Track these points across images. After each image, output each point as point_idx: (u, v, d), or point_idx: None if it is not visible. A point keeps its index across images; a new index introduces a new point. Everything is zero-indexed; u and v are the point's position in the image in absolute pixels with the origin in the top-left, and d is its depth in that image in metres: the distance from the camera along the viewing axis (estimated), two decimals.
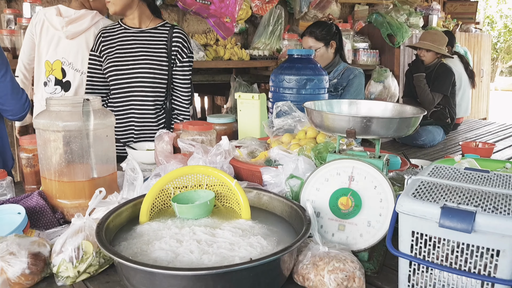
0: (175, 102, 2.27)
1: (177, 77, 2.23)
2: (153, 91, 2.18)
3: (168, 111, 2.25)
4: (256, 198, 1.19)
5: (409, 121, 1.01)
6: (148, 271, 0.80)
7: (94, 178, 1.30)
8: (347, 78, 2.63)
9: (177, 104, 2.27)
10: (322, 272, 0.95)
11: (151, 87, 2.17)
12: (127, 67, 2.15)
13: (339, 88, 2.64)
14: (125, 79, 2.17)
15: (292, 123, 1.53)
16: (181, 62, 2.21)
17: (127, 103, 2.20)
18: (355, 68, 2.69)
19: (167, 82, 2.21)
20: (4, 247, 0.97)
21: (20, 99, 1.90)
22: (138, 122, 2.21)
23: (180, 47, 2.19)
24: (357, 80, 2.62)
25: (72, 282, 1.01)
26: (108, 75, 2.19)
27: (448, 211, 0.83)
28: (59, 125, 1.23)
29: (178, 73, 2.22)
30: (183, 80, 2.24)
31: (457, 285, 0.88)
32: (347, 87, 2.61)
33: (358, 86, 2.62)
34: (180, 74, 2.23)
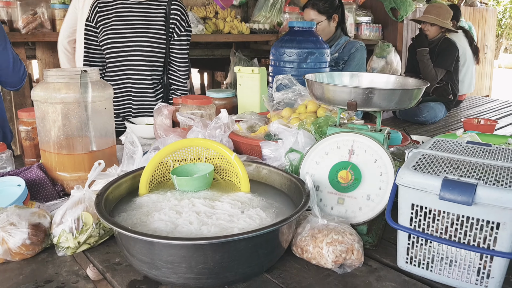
0: (172, 76, 2.24)
1: (175, 51, 2.19)
2: (150, 65, 2.15)
3: (165, 85, 2.23)
4: (255, 172, 1.19)
5: (411, 93, 1.00)
6: (147, 241, 0.80)
7: (93, 151, 1.30)
8: (349, 52, 2.59)
9: (174, 79, 2.24)
10: (320, 244, 0.95)
11: (148, 60, 2.14)
12: (124, 39, 2.12)
13: (340, 62, 2.61)
14: (122, 52, 2.13)
15: (293, 97, 1.51)
16: (178, 35, 2.17)
17: (124, 77, 2.17)
18: (357, 41, 2.65)
19: (165, 55, 2.18)
20: (4, 218, 0.97)
21: (19, 71, 1.92)
22: (136, 97, 2.19)
23: (178, 20, 2.15)
24: (358, 54, 2.58)
25: (72, 252, 1.01)
26: (104, 47, 2.16)
27: (448, 184, 0.83)
28: (57, 97, 1.21)
29: (176, 46, 2.19)
30: (181, 54, 2.21)
31: (456, 257, 0.88)
32: (348, 61, 2.58)
33: (359, 60, 2.59)
34: (178, 48, 2.19)
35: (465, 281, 0.88)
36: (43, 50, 3.10)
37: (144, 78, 2.16)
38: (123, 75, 2.17)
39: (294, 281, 0.92)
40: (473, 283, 0.87)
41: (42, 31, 2.88)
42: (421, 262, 0.93)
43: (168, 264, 0.81)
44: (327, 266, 0.95)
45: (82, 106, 1.24)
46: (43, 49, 3.10)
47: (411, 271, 0.95)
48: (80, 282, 0.91)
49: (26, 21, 2.79)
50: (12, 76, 1.90)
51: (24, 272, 0.95)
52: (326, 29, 2.64)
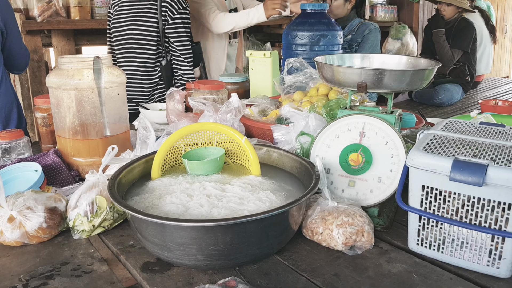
0: (175, 61, 2.25)
1: (171, 35, 2.19)
2: (141, 49, 2.20)
3: (164, 70, 2.24)
4: (266, 155, 1.19)
5: (422, 73, 0.98)
6: (159, 223, 0.82)
7: (107, 136, 1.32)
8: (362, 34, 2.56)
9: (177, 64, 2.25)
10: (330, 226, 0.96)
11: (139, 43, 2.20)
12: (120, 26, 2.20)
13: (353, 44, 2.58)
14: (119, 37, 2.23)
15: (304, 80, 1.50)
16: (172, 19, 2.16)
17: (122, 61, 2.26)
18: (370, 23, 2.61)
19: (159, 40, 2.19)
20: (21, 202, 1.00)
21: (27, 56, 2.05)
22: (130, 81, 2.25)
23: (170, 3, 2.15)
24: (372, 36, 2.54)
25: (87, 235, 1.04)
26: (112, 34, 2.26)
27: (459, 164, 0.82)
28: (71, 84, 1.23)
29: (171, 31, 2.18)
30: (178, 38, 2.20)
31: (467, 239, 0.88)
32: (361, 43, 2.55)
33: (373, 42, 2.55)
34: (173, 32, 2.18)
35: (476, 262, 0.88)
36: (59, 38, 3.13)
37: (136, 62, 2.21)
38: (121, 59, 2.24)
39: (305, 263, 0.93)
40: (485, 264, 0.87)
41: (57, 19, 2.91)
42: (432, 243, 0.92)
43: (179, 246, 0.83)
44: (337, 248, 0.96)
45: (95, 92, 1.26)
46: (59, 37, 3.13)
47: (422, 253, 0.95)
48: (95, 264, 0.94)
49: (41, 9, 2.82)
50: (22, 60, 2.03)
51: (41, 254, 0.98)
52: (340, 8, 2.60)
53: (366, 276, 0.89)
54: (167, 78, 2.27)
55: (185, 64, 2.23)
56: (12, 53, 1.96)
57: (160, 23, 2.15)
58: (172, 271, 0.90)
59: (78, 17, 2.99)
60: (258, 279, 0.87)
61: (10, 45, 1.93)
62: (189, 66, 2.25)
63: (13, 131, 1.42)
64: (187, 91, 1.74)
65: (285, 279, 0.88)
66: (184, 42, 2.22)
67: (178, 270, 0.90)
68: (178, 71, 2.26)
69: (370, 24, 2.59)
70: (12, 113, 1.98)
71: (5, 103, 1.94)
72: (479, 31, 3.50)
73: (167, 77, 2.27)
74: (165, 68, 2.24)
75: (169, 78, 2.28)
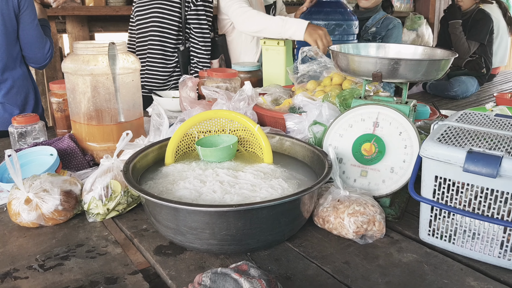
0: (192, 49, 2.26)
1: (192, 22, 2.20)
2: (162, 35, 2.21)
3: (182, 56, 2.25)
4: (278, 144, 1.20)
5: (438, 64, 0.97)
6: (173, 207, 0.83)
7: (122, 122, 1.33)
8: (386, 28, 2.57)
9: (194, 51, 2.26)
10: (342, 215, 0.96)
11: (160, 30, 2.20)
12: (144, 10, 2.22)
13: (377, 37, 2.58)
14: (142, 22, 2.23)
15: (318, 69, 1.50)
16: (195, 5, 2.18)
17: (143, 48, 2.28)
18: (394, 18, 2.63)
19: (180, 26, 2.20)
20: (38, 185, 1.02)
21: (43, 48, 1.97)
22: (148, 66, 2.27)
23: None
24: (396, 31, 2.56)
25: (102, 218, 1.06)
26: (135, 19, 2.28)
27: (473, 156, 0.82)
28: (86, 69, 1.25)
29: (193, 17, 2.19)
30: (198, 25, 2.21)
31: (479, 230, 0.88)
32: (385, 37, 2.56)
33: (397, 37, 2.56)
34: (194, 19, 2.20)
35: (488, 254, 0.88)
36: (73, 24, 3.15)
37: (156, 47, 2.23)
38: (141, 45, 2.25)
39: (315, 250, 0.94)
40: (496, 256, 0.87)
41: (72, 5, 2.93)
42: (444, 234, 0.93)
43: (192, 230, 0.84)
44: (348, 236, 0.97)
45: (110, 78, 1.27)
46: (73, 23, 3.15)
47: (433, 243, 0.95)
48: (109, 246, 0.96)
49: None
50: (35, 51, 1.95)
51: (57, 236, 1.00)
52: None
53: (376, 264, 0.89)
54: (183, 65, 2.29)
55: (202, 52, 2.25)
56: (24, 41, 1.91)
57: (183, 9, 2.17)
58: (184, 254, 0.92)
59: (93, 3, 3.01)
60: (269, 265, 0.89)
61: (22, 31, 1.89)
62: (206, 55, 2.26)
63: (29, 115, 1.44)
64: (200, 79, 1.74)
65: (296, 266, 0.89)
66: (204, 30, 2.24)
67: (191, 254, 0.91)
68: (194, 59, 2.27)
69: (394, 19, 2.60)
70: (29, 98, 2.00)
71: (22, 88, 1.96)
72: (496, 22, 3.44)
73: (183, 63, 2.29)
74: (183, 54, 2.26)
75: (185, 65, 2.30)
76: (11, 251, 0.94)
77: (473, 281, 0.84)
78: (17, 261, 0.90)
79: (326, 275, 0.86)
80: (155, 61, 2.26)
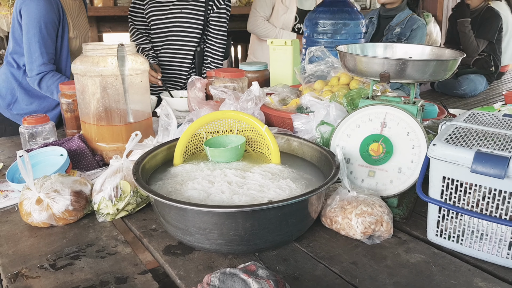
0: (208, 49, 2.29)
1: (213, 23, 2.25)
2: (188, 36, 2.22)
3: (198, 56, 2.28)
4: (286, 144, 1.20)
5: (446, 64, 0.97)
6: (181, 208, 0.84)
7: (131, 122, 1.35)
8: (410, 28, 2.52)
9: (210, 51, 2.29)
10: (349, 216, 0.96)
11: (186, 31, 2.22)
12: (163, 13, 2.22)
13: (402, 39, 2.53)
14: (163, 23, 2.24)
15: (325, 69, 1.50)
16: (218, 8, 2.22)
17: (164, 48, 2.27)
18: (419, 18, 2.56)
19: (202, 27, 2.22)
20: (49, 185, 1.04)
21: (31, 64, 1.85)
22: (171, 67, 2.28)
23: None
24: (420, 32, 2.50)
25: (112, 218, 1.07)
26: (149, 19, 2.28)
27: (481, 156, 0.81)
28: (96, 70, 1.26)
29: (214, 19, 2.23)
30: (219, 27, 2.26)
31: (487, 231, 0.88)
32: (410, 38, 2.51)
33: (421, 38, 2.51)
34: (216, 21, 2.24)
35: (495, 254, 0.88)
36: None
37: (178, 50, 2.22)
38: (163, 46, 2.25)
39: (323, 251, 0.94)
40: (504, 256, 0.87)
41: None
42: (451, 235, 0.93)
43: (201, 230, 0.85)
44: (356, 237, 0.97)
45: (119, 79, 1.28)
46: None
47: (440, 244, 0.95)
48: (119, 246, 0.97)
49: None
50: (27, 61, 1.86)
51: (67, 236, 1.01)
52: None
53: (384, 265, 0.89)
54: (199, 65, 2.32)
55: (217, 53, 2.31)
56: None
57: (206, 12, 2.21)
58: (193, 254, 0.92)
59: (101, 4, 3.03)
60: (277, 265, 0.89)
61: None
62: (221, 56, 2.31)
63: (39, 116, 1.46)
64: (208, 79, 1.75)
65: (304, 266, 0.89)
66: (223, 31, 2.31)
67: (199, 254, 0.92)
68: (208, 59, 2.31)
69: (418, 19, 2.54)
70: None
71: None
72: (505, 20, 3.41)
73: (199, 63, 2.32)
74: (199, 54, 2.30)
75: (200, 65, 2.33)
76: (23, 250, 0.95)
77: (481, 282, 0.84)
78: (29, 260, 0.91)
79: (333, 275, 0.86)
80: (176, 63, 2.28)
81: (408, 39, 2.52)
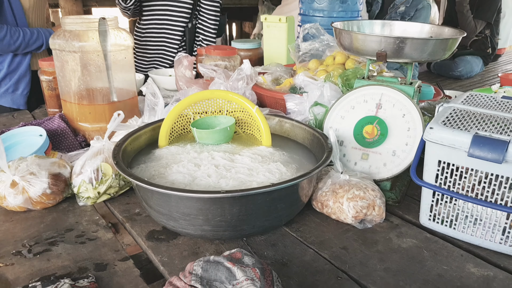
0: (200, 25, 2.22)
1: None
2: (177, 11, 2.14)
3: (189, 33, 2.21)
4: (277, 126, 1.15)
5: (445, 43, 0.92)
6: (164, 193, 0.79)
7: (114, 102, 1.28)
8: (415, 8, 2.45)
9: (202, 28, 2.22)
10: (341, 200, 0.93)
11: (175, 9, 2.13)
12: None
13: (406, 18, 2.46)
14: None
15: (320, 48, 1.44)
16: None
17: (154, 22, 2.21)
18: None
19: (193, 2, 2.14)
20: (24, 168, 0.98)
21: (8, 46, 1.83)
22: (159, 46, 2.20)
23: None
24: (424, 12, 2.44)
25: (93, 202, 1.03)
26: None
27: (479, 140, 0.77)
28: (75, 46, 1.19)
29: None
30: (211, 2, 2.19)
31: (481, 216, 0.85)
32: (413, 18, 2.44)
33: (425, 18, 2.45)
34: None
35: (489, 240, 0.85)
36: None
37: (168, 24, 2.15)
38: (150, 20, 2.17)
39: (313, 235, 0.91)
40: (497, 242, 0.84)
41: None
42: (445, 219, 0.90)
43: (185, 216, 0.81)
44: (347, 221, 0.94)
45: (101, 55, 1.22)
46: None
47: (433, 228, 0.92)
48: (99, 231, 0.92)
49: None
50: None
51: (45, 220, 0.97)
52: None
53: (375, 250, 0.86)
54: (190, 43, 2.24)
55: (210, 30, 2.23)
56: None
57: None
58: (178, 240, 0.89)
59: None
60: (265, 250, 0.86)
61: None
62: (213, 33, 2.23)
63: None
64: (198, 56, 1.69)
65: (293, 251, 0.86)
66: (216, 6, 2.23)
67: (184, 240, 0.88)
68: (200, 36, 2.23)
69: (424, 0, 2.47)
70: None
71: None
72: (504, 1, 3.35)
73: (190, 41, 2.24)
74: (190, 31, 2.21)
75: (191, 43, 2.25)
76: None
77: (473, 267, 0.81)
78: (2, 246, 0.87)
79: (323, 261, 0.83)
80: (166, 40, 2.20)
81: (412, 19, 2.45)
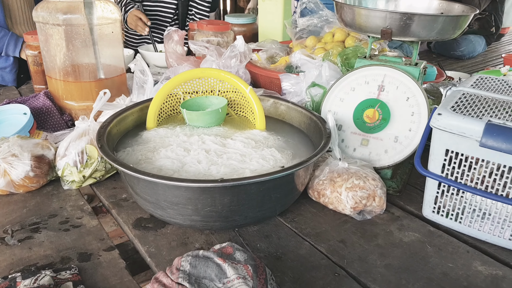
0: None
1: None
2: None
3: (182, 6, 2.10)
4: (272, 108, 1.09)
5: (456, 20, 0.85)
6: (150, 181, 0.73)
7: (101, 79, 1.22)
8: None
9: (195, 1, 2.11)
10: (339, 189, 0.87)
11: None
12: None
13: None
14: None
15: (318, 24, 1.37)
16: None
17: None
18: None
19: None
20: (6, 149, 0.93)
21: None
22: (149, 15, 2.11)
23: None
24: None
25: (78, 186, 0.97)
26: None
27: (492, 129, 0.72)
28: (59, 18, 1.11)
29: None
30: None
31: (490, 210, 0.80)
32: None
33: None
34: None
35: (497, 235, 0.80)
36: None
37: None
38: None
39: (308, 226, 0.86)
40: (507, 238, 0.79)
41: None
42: (450, 212, 0.85)
43: (173, 205, 0.76)
44: (345, 212, 0.89)
45: (87, 29, 1.14)
46: None
47: (437, 221, 0.87)
48: (84, 218, 0.87)
49: None
50: None
51: (28, 205, 0.91)
52: None
53: (375, 244, 0.82)
54: (182, 16, 2.14)
55: (204, 3, 2.12)
56: None
57: None
58: (166, 229, 0.84)
59: None
60: (258, 242, 0.81)
61: None
62: (207, 7, 2.12)
63: None
64: (189, 31, 1.61)
65: (287, 244, 0.81)
66: None
67: (173, 229, 0.84)
68: (193, 10, 2.12)
69: None
70: None
71: None
72: None
73: (183, 14, 2.13)
74: (183, 4, 2.11)
75: (184, 17, 2.14)
76: None
77: (481, 265, 0.77)
78: None
79: (319, 255, 0.78)
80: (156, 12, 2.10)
81: None
